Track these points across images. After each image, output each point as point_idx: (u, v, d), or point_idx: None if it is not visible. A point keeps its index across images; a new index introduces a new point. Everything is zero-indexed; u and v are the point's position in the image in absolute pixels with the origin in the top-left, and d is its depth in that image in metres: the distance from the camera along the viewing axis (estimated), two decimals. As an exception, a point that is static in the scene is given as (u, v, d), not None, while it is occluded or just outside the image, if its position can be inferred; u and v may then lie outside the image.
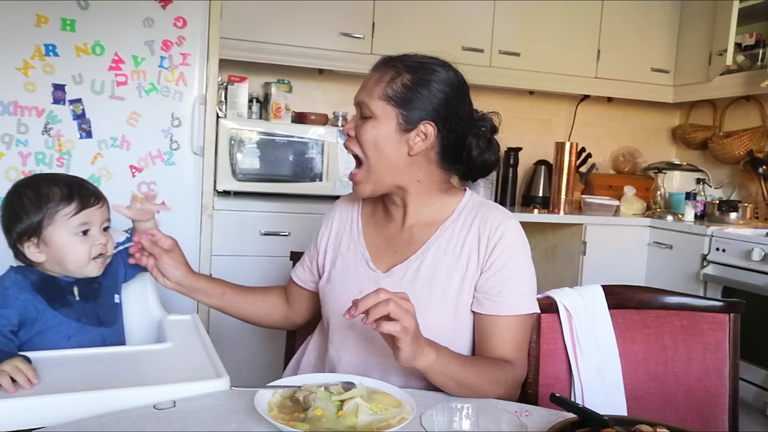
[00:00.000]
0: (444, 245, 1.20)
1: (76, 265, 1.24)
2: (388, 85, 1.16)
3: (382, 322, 0.92)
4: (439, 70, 1.18)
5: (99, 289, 1.30)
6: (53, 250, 1.22)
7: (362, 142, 1.18)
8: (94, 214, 1.25)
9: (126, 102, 2.25)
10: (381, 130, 1.16)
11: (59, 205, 1.21)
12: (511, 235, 1.18)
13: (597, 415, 0.91)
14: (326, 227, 1.36)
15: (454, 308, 1.17)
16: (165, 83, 2.28)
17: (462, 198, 1.25)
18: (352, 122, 1.20)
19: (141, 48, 2.24)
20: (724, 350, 1.34)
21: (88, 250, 1.24)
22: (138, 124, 2.27)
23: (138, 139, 2.28)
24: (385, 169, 1.18)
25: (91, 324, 1.25)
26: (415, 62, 1.18)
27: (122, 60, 2.22)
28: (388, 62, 1.19)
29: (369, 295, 0.93)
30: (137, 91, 2.25)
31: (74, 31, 2.16)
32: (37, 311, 1.19)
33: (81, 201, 1.23)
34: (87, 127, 2.21)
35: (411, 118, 1.16)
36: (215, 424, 0.90)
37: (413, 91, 1.15)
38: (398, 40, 2.88)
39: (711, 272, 2.61)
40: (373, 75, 1.19)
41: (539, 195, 3.39)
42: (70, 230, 1.22)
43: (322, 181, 2.72)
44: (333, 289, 1.27)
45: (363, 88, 1.19)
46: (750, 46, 3.15)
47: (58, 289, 1.24)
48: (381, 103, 1.16)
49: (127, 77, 2.24)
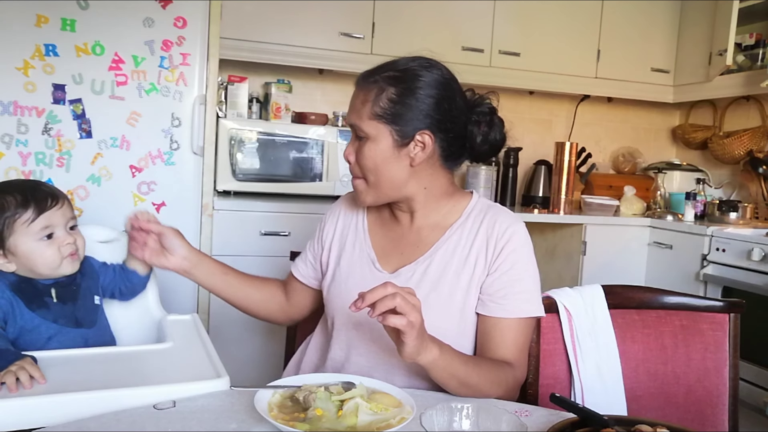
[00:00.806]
0: (452, 248, 1.19)
1: (49, 269, 1.22)
2: (375, 103, 1.13)
3: (389, 316, 0.92)
4: (423, 73, 1.14)
5: (77, 291, 1.27)
6: (21, 258, 1.20)
7: (362, 166, 1.17)
8: (54, 216, 1.22)
9: (126, 102, 2.24)
10: (378, 149, 1.14)
11: (16, 213, 1.18)
12: (518, 239, 1.19)
13: (597, 415, 0.90)
14: (332, 224, 1.34)
15: (461, 310, 1.18)
16: (165, 83, 2.28)
17: (470, 201, 1.24)
18: (351, 147, 1.19)
19: (141, 48, 2.24)
20: (724, 350, 1.34)
21: (57, 252, 1.21)
22: (138, 124, 2.26)
23: (138, 139, 2.27)
24: (389, 184, 1.17)
25: (69, 326, 1.23)
26: (397, 72, 1.14)
27: (122, 60, 2.22)
28: (368, 78, 1.15)
29: (376, 288, 0.92)
30: (137, 91, 2.25)
31: (74, 31, 2.16)
32: (15, 313, 1.18)
33: (37, 205, 1.20)
34: (87, 127, 2.21)
35: (405, 132, 1.13)
36: (215, 424, 0.90)
37: (401, 105, 1.12)
38: (398, 40, 2.89)
39: (711, 272, 2.61)
40: (358, 94, 1.16)
41: (539, 195, 3.39)
42: (33, 236, 1.19)
43: (322, 181, 2.72)
44: (338, 288, 1.26)
45: (351, 109, 1.17)
46: (750, 46, 3.15)
47: (36, 290, 1.22)
48: (372, 123, 1.13)
49: (127, 77, 2.24)
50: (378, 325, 1.11)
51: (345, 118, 1.20)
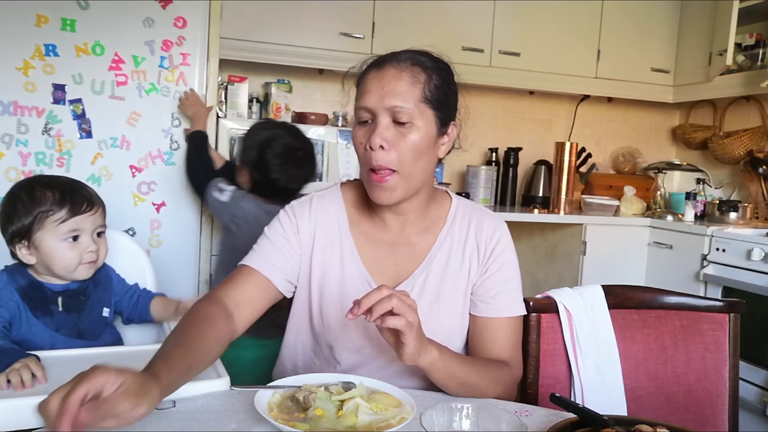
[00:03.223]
0: (446, 256, 1.19)
1: (65, 270, 1.22)
2: (426, 86, 1.08)
3: (387, 317, 0.92)
4: (448, 67, 1.15)
5: (85, 302, 1.27)
6: (42, 254, 1.21)
7: (401, 151, 1.07)
8: (85, 221, 1.23)
9: (126, 102, 2.24)
10: (422, 135, 1.08)
11: (50, 210, 1.19)
12: (505, 240, 1.21)
13: (597, 415, 0.91)
14: (308, 231, 1.18)
15: (461, 317, 1.18)
16: (165, 83, 2.28)
17: (451, 203, 1.24)
18: (385, 132, 1.07)
19: (141, 48, 2.24)
20: (724, 350, 1.34)
21: (78, 256, 1.22)
22: (138, 124, 2.27)
23: (138, 139, 2.28)
24: (421, 175, 1.11)
25: (70, 336, 1.23)
26: (436, 60, 1.13)
27: (122, 60, 2.22)
28: (410, 59, 1.10)
29: (371, 293, 0.92)
30: (137, 91, 2.25)
31: (74, 31, 2.16)
32: (21, 316, 1.18)
33: (72, 207, 1.21)
34: (87, 127, 2.21)
35: (445, 121, 1.12)
36: (215, 424, 0.90)
37: (444, 92, 1.10)
38: (398, 40, 2.85)
39: (711, 272, 2.61)
40: (400, 76, 1.07)
41: (539, 195, 3.39)
42: (59, 236, 1.20)
43: (322, 181, 2.72)
44: (334, 310, 1.17)
45: (391, 91, 1.06)
46: (750, 46, 3.15)
47: (43, 297, 1.22)
48: (421, 106, 1.07)
49: (127, 77, 2.24)
50: (382, 348, 1.13)
51: (377, 103, 1.05)
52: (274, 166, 1.85)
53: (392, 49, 1.17)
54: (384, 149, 1.07)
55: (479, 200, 3.14)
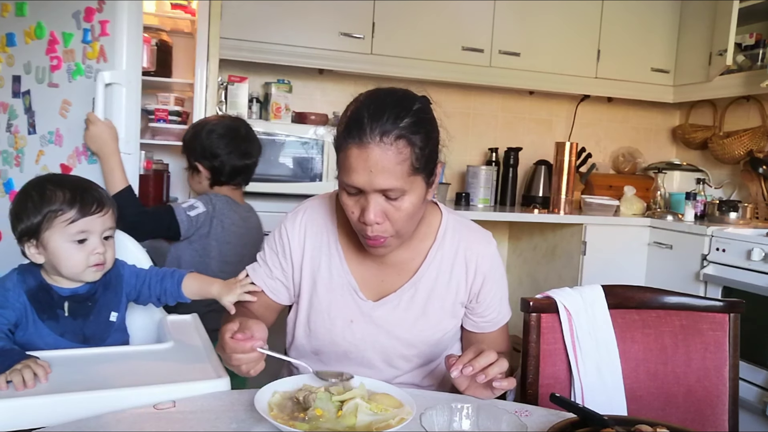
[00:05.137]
0: (434, 275, 1.23)
1: (71, 272, 1.21)
2: (412, 157, 1.04)
3: (497, 380, 1.01)
4: (426, 108, 1.10)
5: (92, 308, 1.26)
6: (49, 254, 1.20)
7: (396, 221, 1.08)
8: (94, 223, 1.21)
9: (59, 89, 1.78)
10: (414, 201, 1.08)
11: (59, 210, 1.19)
12: (494, 258, 1.27)
13: (597, 415, 0.91)
14: (298, 243, 1.24)
15: (446, 331, 1.25)
16: (88, 62, 1.74)
17: (441, 219, 1.26)
18: (377, 208, 1.06)
19: (69, 22, 1.74)
20: (724, 350, 1.34)
21: (85, 258, 1.21)
22: (69, 114, 1.77)
23: (68, 133, 1.78)
24: (414, 224, 1.14)
25: (75, 341, 1.22)
26: (414, 114, 1.05)
27: (57, 40, 1.76)
28: (387, 134, 1.02)
29: (482, 355, 1.01)
30: (67, 75, 1.76)
31: (24, 14, 1.79)
32: (27, 319, 1.18)
33: (82, 208, 1.20)
34: (32, 120, 1.81)
35: (431, 172, 1.11)
36: (215, 424, 0.90)
37: (429, 151, 1.08)
38: (398, 40, 2.88)
39: (711, 272, 2.60)
40: (386, 156, 1.02)
41: (539, 195, 3.39)
42: (66, 237, 1.19)
43: (322, 181, 2.72)
44: (321, 318, 1.23)
45: (379, 173, 1.02)
46: (750, 46, 3.15)
47: (50, 300, 1.22)
48: (410, 178, 1.05)
49: (60, 60, 1.76)
50: (366, 351, 1.21)
51: (365, 185, 1.03)
52: (222, 147, 1.89)
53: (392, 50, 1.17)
54: (379, 224, 1.08)
55: (479, 200, 3.14)
